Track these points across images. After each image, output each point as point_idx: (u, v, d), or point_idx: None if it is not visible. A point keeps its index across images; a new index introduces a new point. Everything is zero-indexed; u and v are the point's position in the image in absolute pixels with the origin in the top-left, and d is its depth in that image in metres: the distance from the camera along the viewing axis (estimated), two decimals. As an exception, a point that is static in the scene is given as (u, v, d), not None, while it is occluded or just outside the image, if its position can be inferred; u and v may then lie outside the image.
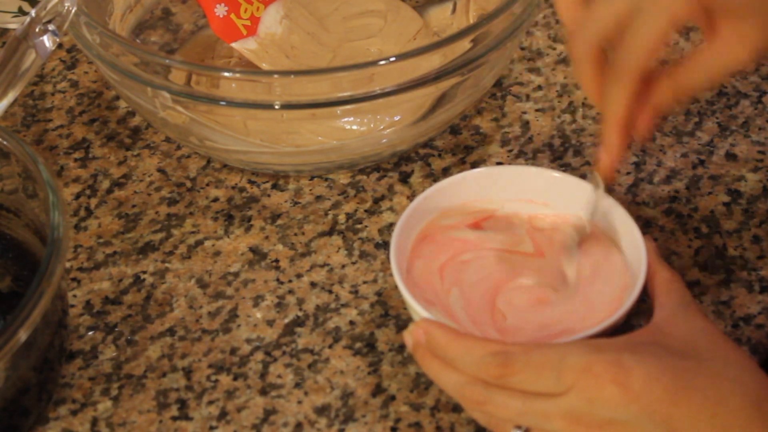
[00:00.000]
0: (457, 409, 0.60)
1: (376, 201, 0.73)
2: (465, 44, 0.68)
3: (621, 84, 0.55)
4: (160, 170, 0.76)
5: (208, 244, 0.71)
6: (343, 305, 0.66)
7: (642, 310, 0.59)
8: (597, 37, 0.56)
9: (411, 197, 0.72)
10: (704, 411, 0.50)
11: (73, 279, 0.69)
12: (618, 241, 0.62)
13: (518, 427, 0.54)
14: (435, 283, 0.61)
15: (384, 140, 0.73)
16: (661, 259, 0.60)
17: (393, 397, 0.61)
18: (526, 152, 0.75)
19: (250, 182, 0.75)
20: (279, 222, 0.72)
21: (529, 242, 0.64)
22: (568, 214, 0.64)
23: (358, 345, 0.64)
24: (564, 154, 0.75)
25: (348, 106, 0.68)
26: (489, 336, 0.58)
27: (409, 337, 0.57)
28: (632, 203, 0.71)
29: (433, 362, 0.55)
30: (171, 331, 0.65)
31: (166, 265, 0.69)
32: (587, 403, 0.51)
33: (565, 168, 0.74)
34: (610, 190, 0.61)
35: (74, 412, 0.61)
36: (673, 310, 0.56)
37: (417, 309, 0.57)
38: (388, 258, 0.68)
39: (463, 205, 0.65)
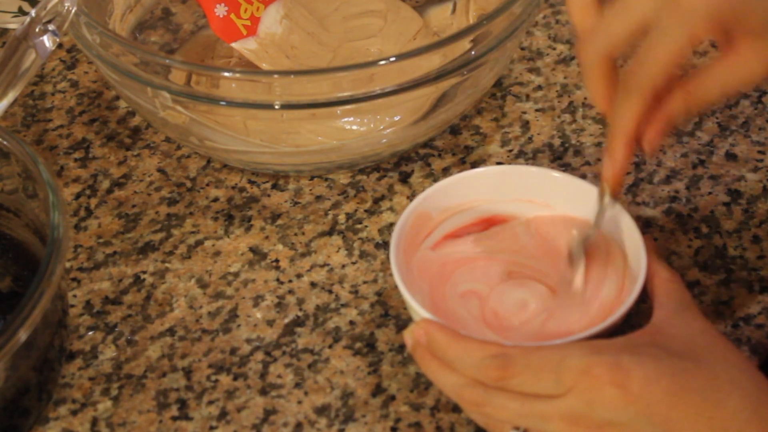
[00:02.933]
0: (457, 409, 0.60)
1: (376, 201, 0.73)
2: (465, 44, 0.68)
3: (632, 100, 0.54)
4: (160, 170, 0.76)
5: (208, 244, 0.71)
6: (343, 305, 0.66)
7: (642, 310, 0.59)
8: (609, 47, 0.54)
9: (411, 197, 0.72)
10: (702, 413, 0.50)
11: (73, 279, 0.69)
12: (618, 241, 0.62)
13: (516, 428, 0.54)
14: (436, 283, 0.61)
15: (384, 140, 0.73)
16: (661, 259, 0.60)
17: (393, 397, 0.61)
18: (526, 152, 0.75)
19: (250, 182, 0.75)
20: (279, 222, 0.72)
21: (529, 242, 0.64)
22: (571, 216, 0.64)
23: (358, 345, 0.64)
24: (564, 154, 0.75)
25: (348, 106, 0.68)
26: (488, 338, 0.58)
27: (409, 336, 0.57)
28: (632, 203, 0.71)
29: (433, 363, 0.55)
30: (171, 331, 0.65)
31: (166, 265, 0.69)
32: (586, 404, 0.51)
33: (565, 168, 0.74)
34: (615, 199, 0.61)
35: (74, 412, 0.61)
36: (673, 310, 0.56)
37: (417, 309, 0.57)
38: (388, 258, 0.68)
39: (463, 205, 0.65)
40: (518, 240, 0.64)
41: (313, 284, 0.68)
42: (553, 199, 0.65)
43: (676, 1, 0.51)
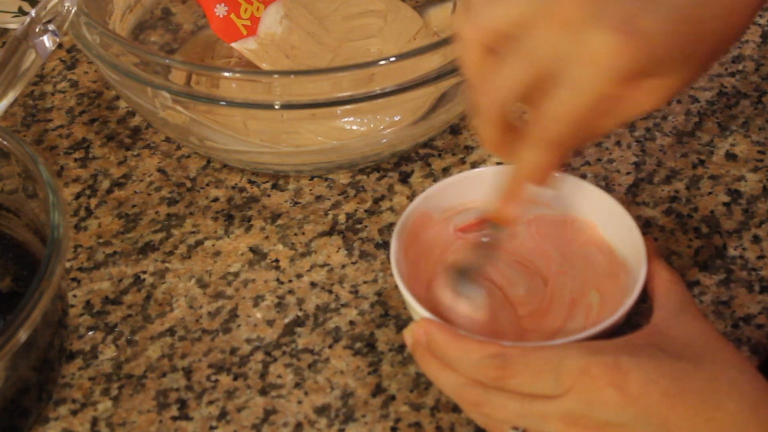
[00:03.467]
0: (457, 409, 0.60)
1: (376, 201, 0.73)
2: (465, 44, 0.68)
3: (540, 152, 0.52)
4: (160, 170, 0.76)
5: (208, 244, 0.71)
6: (343, 305, 0.66)
7: (642, 310, 0.59)
8: (505, 100, 0.51)
9: (411, 197, 0.72)
10: (701, 414, 0.50)
11: (73, 279, 0.69)
12: (617, 241, 0.62)
13: (515, 428, 0.54)
14: (436, 283, 0.61)
15: (384, 140, 0.73)
16: (661, 259, 0.60)
17: (393, 397, 0.61)
18: (526, 152, 0.75)
19: (250, 182, 0.75)
20: (279, 222, 0.72)
21: (529, 242, 0.64)
22: (571, 216, 0.64)
23: (358, 345, 0.64)
24: (564, 154, 0.75)
25: (348, 106, 0.68)
26: (487, 338, 0.58)
27: (409, 336, 0.57)
28: (632, 203, 0.71)
29: (432, 362, 0.56)
30: (171, 331, 0.65)
31: (166, 265, 0.69)
32: (585, 405, 0.51)
33: (565, 168, 0.74)
34: (609, 190, 0.61)
35: (74, 412, 0.61)
36: (672, 311, 0.56)
37: (417, 309, 0.57)
38: (388, 258, 0.68)
39: (464, 204, 0.65)
40: (518, 240, 0.64)
41: (313, 284, 0.68)
42: (553, 198, 0.65)
43: (586, 56, 0.48)
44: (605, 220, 0.62)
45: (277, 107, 0.67)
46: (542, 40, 0.49)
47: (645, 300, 0.58)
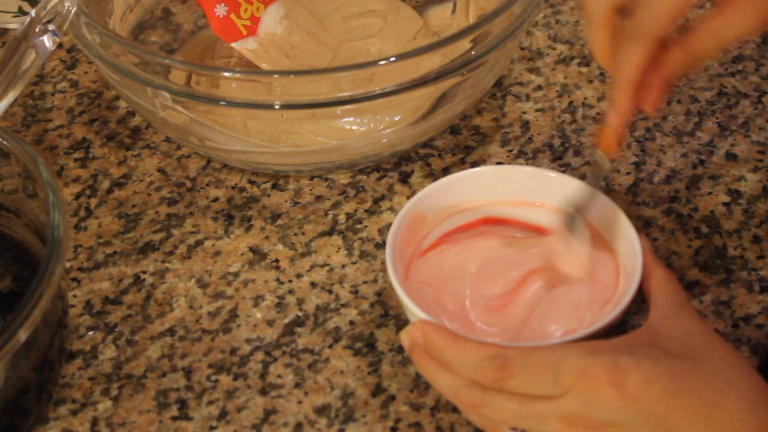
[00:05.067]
0: (456, 409, 0.60)
1: (376, 201, 0.73)
2: (465, 44, 0.68)
3: (637, 47, 0.55)
4: (160, 170, 0.76)
5: (208, 244, 0.71)
6: (343, 305, 0.66)
7: (641, 309, 0.59)
8: (611, 4, 0.55)
9: (411, 197, 0.72)
10: (700, 413, 0.50)
11: (73, 279, 0.69)
12: (613, 241, 0.62)
13: (514, 429, 0.54)
14: (432, 284, 0.61)
15: (384, 140, 0.73)
16: (656, 258, 0.60)
17: (393, 397, 0.61)
18: (526, 152, 0.75)
19: (250, 182, 0.75)
20: (279, 222, 0.72)
21: (525, 242, 0.64)
22: (560, 208, 0.64)
23: (358, 345, 0.64)
24: (564, 154, 0.75)
25: (348, 106, 0.68)
26: (484, 338, 0.58)
27: (406, 338, 0.57)
28: (632, 203, 0.71)
29: (430, 364, 0.55)
30: (171, 331, 0.65)
31: (166, 265, 0.69)
32: (584, 405, 0.51)
33: (565, 168, 0.74)
34: (609, 190, 0.61)
35: (74, 412, 0.61)
36: (669, 310, 0.56)
37: (414, 310, 0.57)
38: (387, 258, 0.68)
39: (459, 205, 0.65)
40: (514, 240, 0.64)
41: (313, 284, 0.68)
42: (550, 199, 0.65)
43: None
44: (600, 219, 0.62)
45: (277, 107, 0.67)
46: None
47: (644, 299, 0.58)
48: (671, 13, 0.53)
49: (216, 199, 0.74)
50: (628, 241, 0.60)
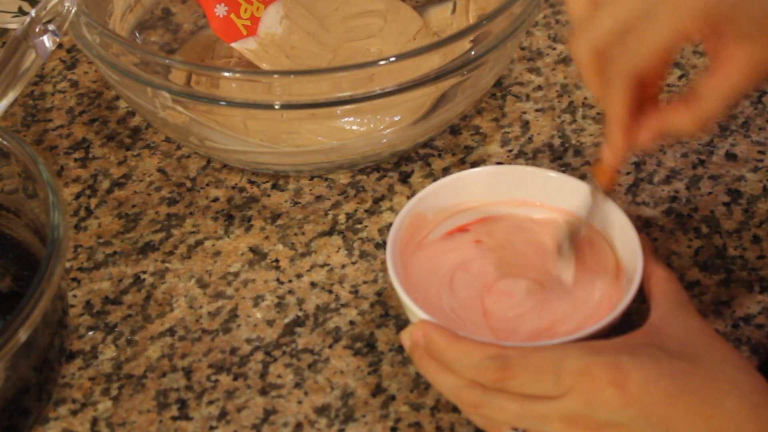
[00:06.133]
0: (457, 409, 0.60)
1: (376, 201, 0.73)
2: (465, 44, 0.68)
3: (616, 87, 0.54)
4: (160, 170, 0.76)
5: (208, 244, 0.71)
6: (343, 305, 0.66)
7: (642, 309, 0.59)
8: (599, 40, 0.54)
9: (411, 197, 0.72)
10: (701, 413, 0.50)
11: (73, 279, 0.69)
12: (614, 241, 0.62)
13: (515, 429, 0.54)
14: (432, 284, 0.61)
15: (384, 140, 0.73)
16: (657, 258, 0.60)
17: (393, 397, 0.61)
18: (526, 152, 0.75)
19: (250, 182, 0.75)
20: (279, 222, 0.72)
21: (525, 242, 0.64)
22: (563, 213, 0.64)
23: (358, 345, 0.64)
24: (564, 154, 0.75)
25: (348, 106, 0.68)
26: (484, 338, 0.58)
27: (406, 338, 0.57)
28: (632, 203, 0.71)
29: (431, 364, 0.55)
30: (171, 331, 0.65)
31: (166, 265, 0.69)
32: (585, 405, 0.51)
33: (565, 168, 0.74)
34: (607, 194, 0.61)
35: (74, 412, 0.61)
36: (670, 310, 0.56)
37: (414, 310, 0.57)
38: (387, 258, 0.68)
39: (459, 205, 0.65)
40: (514, 240, 0.64)
41: (313, 284, 0.68)
42: (550, 199, 0.65)
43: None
44: (601, 219, 0.62)
45: (277, 107, 0.67)
46: None
47: (643, 300, 0.58)
48: (646, 54, 0.52)
49: (216, 199, 0.74)
50: (629, 241, 0.60)
